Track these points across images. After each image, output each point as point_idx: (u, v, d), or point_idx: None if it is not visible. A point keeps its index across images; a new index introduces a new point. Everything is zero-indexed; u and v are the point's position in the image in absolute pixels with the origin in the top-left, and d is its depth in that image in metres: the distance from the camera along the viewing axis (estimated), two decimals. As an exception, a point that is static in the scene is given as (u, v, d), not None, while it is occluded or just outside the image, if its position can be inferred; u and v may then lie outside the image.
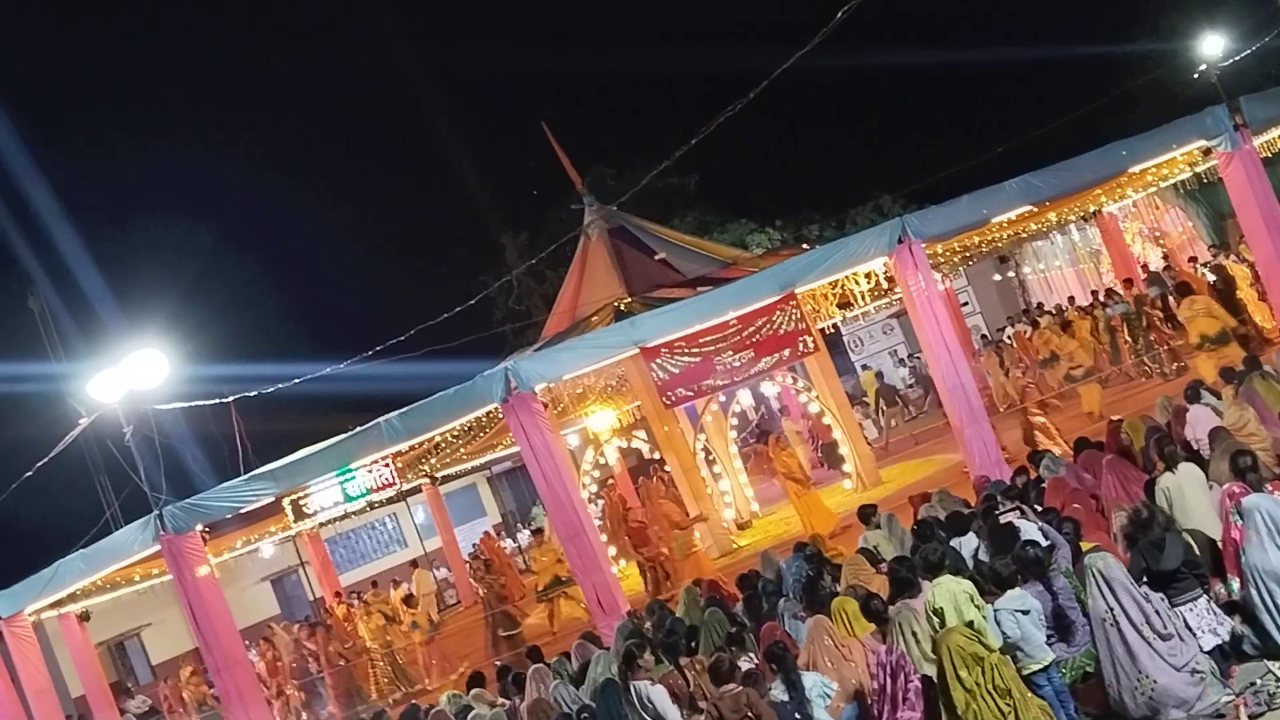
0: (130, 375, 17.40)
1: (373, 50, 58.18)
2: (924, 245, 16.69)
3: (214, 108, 57.20)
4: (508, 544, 35.62)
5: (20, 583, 19.35)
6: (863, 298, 21.74)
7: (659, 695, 10.28)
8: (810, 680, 9.54)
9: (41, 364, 24.57)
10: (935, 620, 9.25)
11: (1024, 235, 28.09)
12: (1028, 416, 18.87)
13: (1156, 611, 8.94)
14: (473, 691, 13.47)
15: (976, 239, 23.53)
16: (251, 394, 18.65)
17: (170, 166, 50.09)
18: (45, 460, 19.61)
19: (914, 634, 9.46)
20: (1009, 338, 28.48)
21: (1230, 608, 9.45)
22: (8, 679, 21.08)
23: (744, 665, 10.57)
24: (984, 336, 33.49)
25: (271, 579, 39.22)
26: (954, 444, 18.04)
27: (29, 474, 19.88)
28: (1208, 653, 9.02)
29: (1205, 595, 9.29)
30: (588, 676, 12.30)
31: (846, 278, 19.33)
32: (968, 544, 11.46)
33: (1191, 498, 10.55)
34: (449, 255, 48.98)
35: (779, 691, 9.62)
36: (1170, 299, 23.23)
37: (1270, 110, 18.58)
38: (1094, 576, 9.08)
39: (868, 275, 19.36)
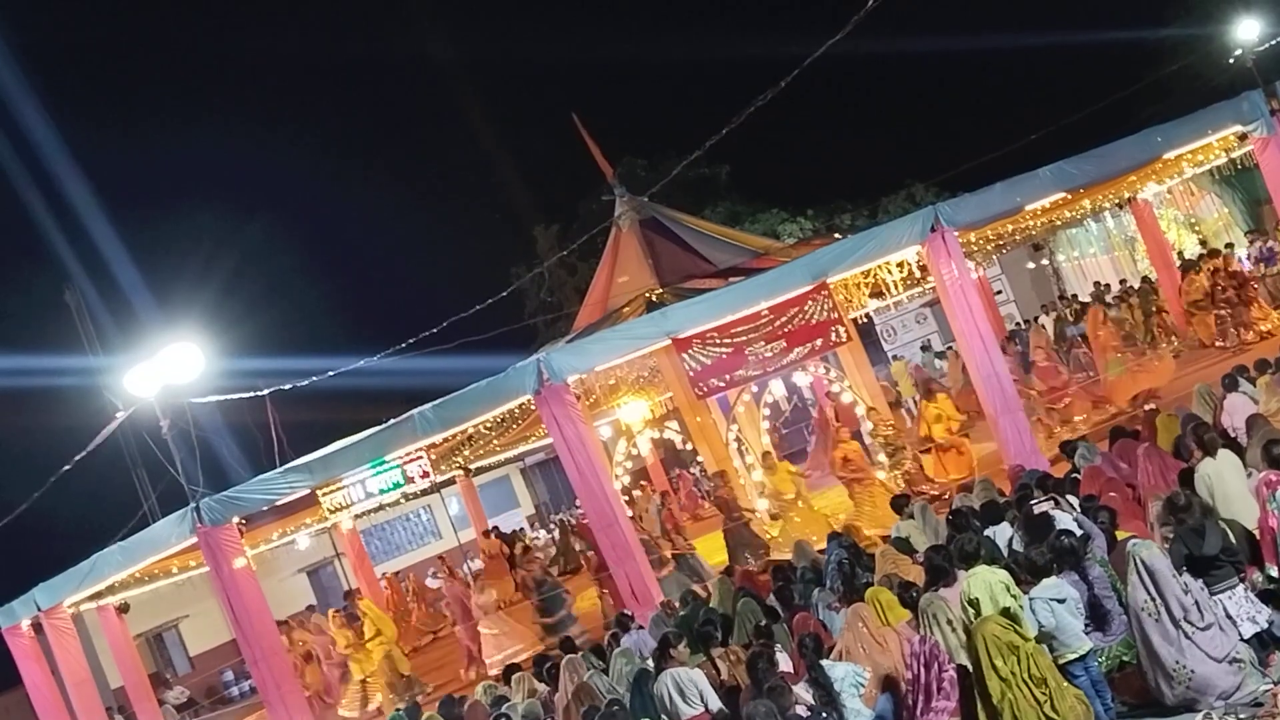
0: (166, 369, 17.54)
1: (405, 44, 58.45)
2: (957, 233, 16.62)
3: (249, 102, 57.56)
4: (540, 535, 35.79)
5: (59, 575, 19.54)
6: (895, 287, 21.62)
7: (698, 678, 10.31)
8: (843, 670, 9.51)
9: (78, 358, 24.74)
10: (971, 610, 9.22)
11: (1058, 222, 27.90)
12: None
13: (1196, 602, 8.89)
14: (513, 679, 13.53)
15: (1010, 227, 23.38)
16: (286, 387, 18.77)
17: (205, 161, 50.52)
18: (83, 454, 19.79)
19: (949, 622, 9.44)
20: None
21: (1267, 596, 9.39)
22: (48, 670, 21.33)
23: (777, 654, 10.59)
24: (1017, 324, 33.30)
25: (307, 571, 39.44)
26: (989, 433, 17.94)
27: (67, 468, 20.06)
28: (1246, 641, 8.97)
29: (1243, 584, 9.23)
30: (611, 668, 12.34)
31: (879, 267, 19.24)
32: (1002, 533, 11.43)
33: (1232, 484, 10.48)
34: (481, 248, 49.19)
35: (804, 691, 9.62)
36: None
37: (1307, 95, 18.42)
38: (1136, 564, 9.02)
39: (900, 264, 19.25)
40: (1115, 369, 20.44)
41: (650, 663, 11.52)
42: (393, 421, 16.92)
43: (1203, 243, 29.71)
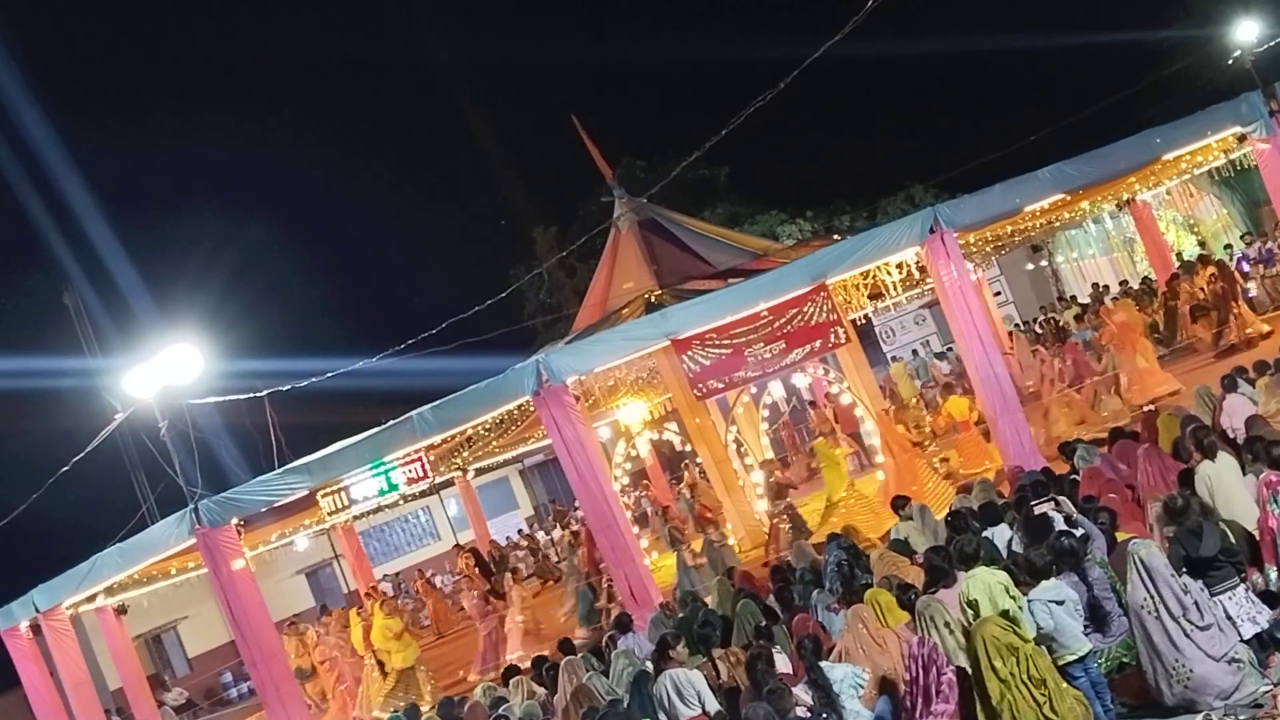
0: (165, 370, 17.52)
1: (406, 44, 58.46)
2: (956, 235, 16.61)
3: (248, 103, 57.52)
4: (539, 536, 35.76)
5: (58, 577, 19.52)
6: (894, 288, 21.63)
7: (697, 679, 10.31)
8: (842, 671, 9.51)
9: (76, 359, 24.74)
10: (970, 611, 9.22)
11: (1057, 224, 27.91)
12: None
13: (1195, 602, 8.88)
14: (512, 681, 13.50)
15: (1009, 228, 23.38)
16: (285, 388, 18.75)
17: (204, 162, 50.46)
18: (81, 455, 19.78)
19: (946, 625, 9.43)
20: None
21: (1268, 597, 9.38)
22: (46, 672, 21.31)
23: (776, 655, 10.58)
24: (1016, 325, 33.31)
25: (306, 572, 39.46)
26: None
27: (65, 469, 20.06)
28: (1246, 642, 8.96)
29: (1243, 584, 9.22)
30: (612, 669, 12.32)
31: (878, 268, 19.23)
32: (1001, 535, 11.42)
33: (1232, 485, 10.47)
34: (480, 249, 49.19)
35: (804, 692, 9.61)
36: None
37: (1307, 95, 18.43)
38: (1135, 563, 9.02)
39: (899, 265, 19.24)
40: (1147, 358, 20.55)
41: (649, 664, 11.51)
42: (392, 423, 16.90)
43: (1201, 244, 29.76)
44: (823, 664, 9.60)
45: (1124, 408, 19.58)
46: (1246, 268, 24.97)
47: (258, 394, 18.83)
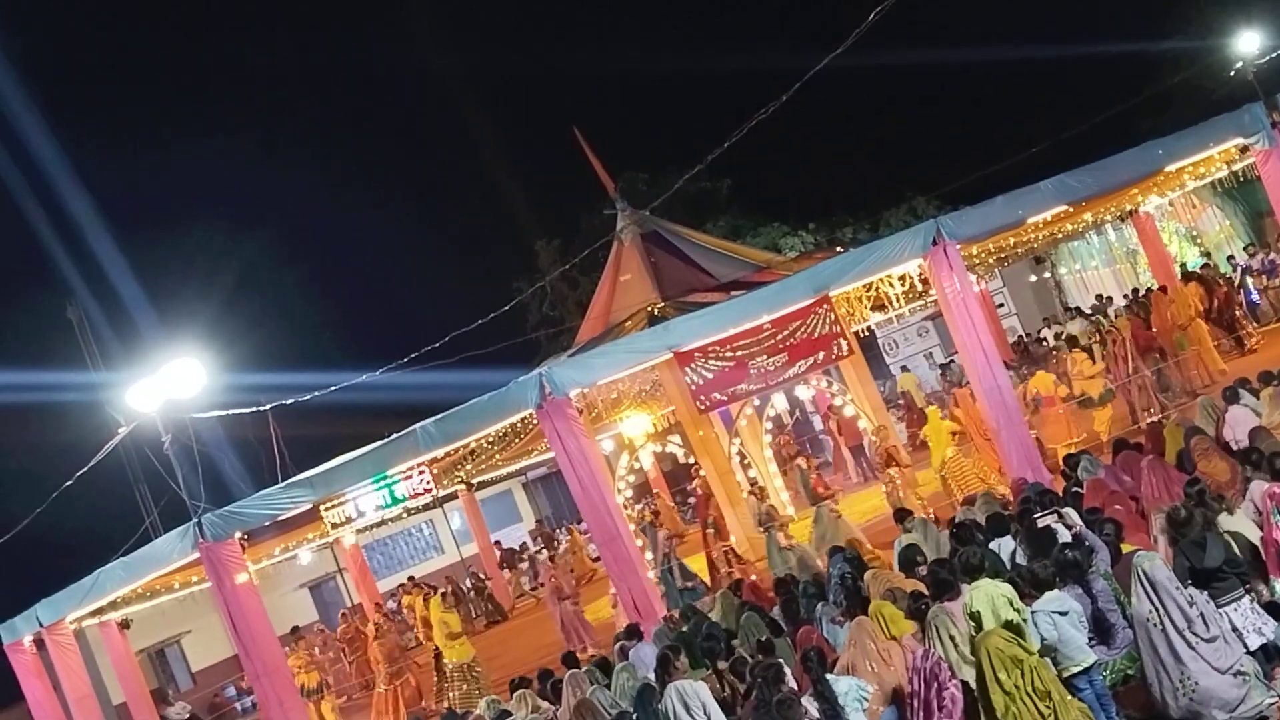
0: (168, 384, 17.53)
1: (408, 58, 58.56)
2: (959, 247, 16.61)
3: (252, 118, 57.67)
4: (542, 551, 35.72)
5: (61, 591, 19.52)
6: (897, 300, 21.62)
7: (702, 691, 10.28)
8: (846, 685, 9.47)
9: (80, 374, 24.83)
10: (972, 623, 9.20)
11: (1060, 236, 27.90)
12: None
13: (1201, 615, 8.86)
14: (516, 694, 13.46)
15: (1012, 240, 23.38)
16: (288, 402, 18.77)
17: (207, 177, 50.64)
18: (85, 469, 19.78)
19: (951, 638, 9.41)
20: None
21: (1273, 609, 9.36)
22: (50, 686, 21.29)
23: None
24: (1020, 337, 33.27)
25: (310, 585, 39.39)
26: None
27: (69, 483, 20.05)
28: (1252, 653, 8.94)
29: (1248, 595, 9.20)
30: (614, 683, 12.28)
31: (880, 280, 19.23)
32: (1005, 546, 11.39)
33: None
34: (483, 262, 49.26)
35: (809, 703, 9.57)
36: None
37: (1309, 106, 18.45)
38: (1139, 576, 9.00)
39: (902, 278, 19.24)
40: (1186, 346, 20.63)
41: (652, 676, 11.47)
42: (395, 436, 16.90)
43: (1206, 255, 29.76)
44: (828, 677, 9.57)
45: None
46: (1250, 280, 24.96)
47: (261, 408, 18.84)
